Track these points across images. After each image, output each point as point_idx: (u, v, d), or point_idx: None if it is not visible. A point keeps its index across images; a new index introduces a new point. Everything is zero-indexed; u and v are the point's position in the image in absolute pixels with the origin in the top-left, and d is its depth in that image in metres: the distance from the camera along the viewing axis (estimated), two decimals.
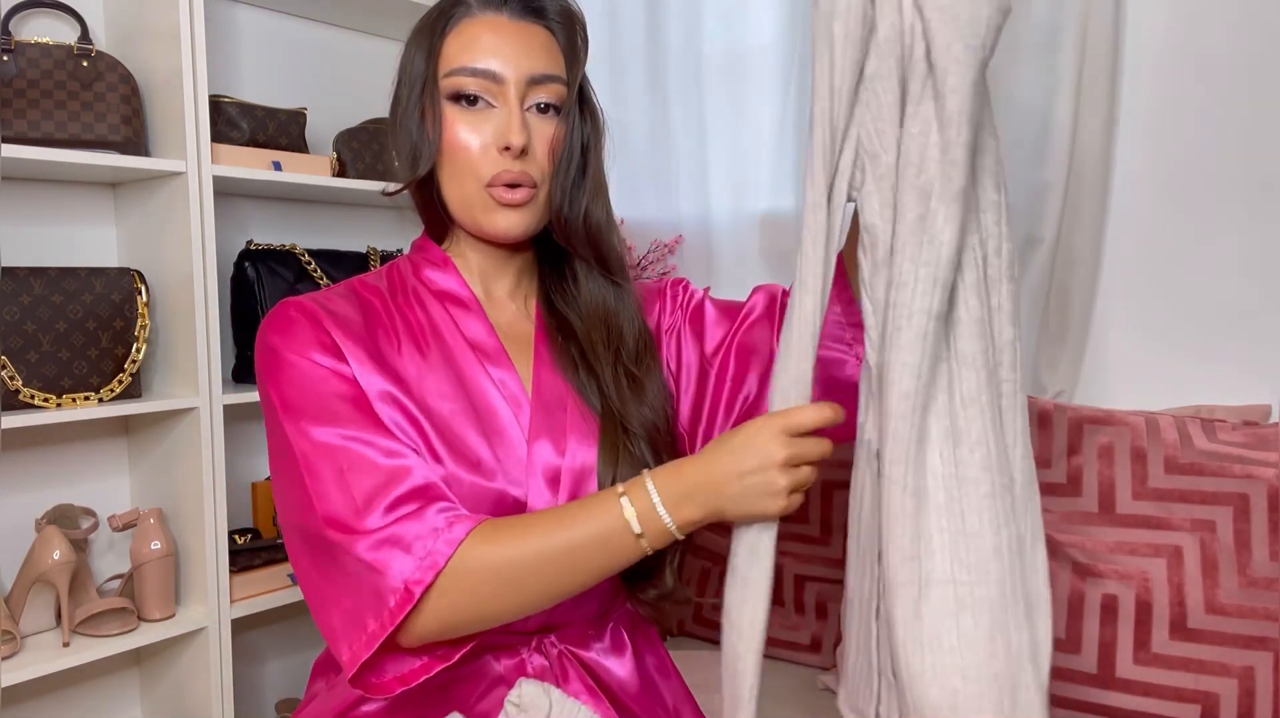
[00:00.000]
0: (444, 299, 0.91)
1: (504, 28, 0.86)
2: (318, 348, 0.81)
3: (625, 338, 0.92)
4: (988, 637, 0.67)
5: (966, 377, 0.70)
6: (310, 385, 0.80)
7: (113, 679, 1.61)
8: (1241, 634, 1.03)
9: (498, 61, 0.84)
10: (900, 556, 0.69)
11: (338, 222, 1.92)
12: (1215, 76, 1.30)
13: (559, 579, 0.76)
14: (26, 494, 1.50)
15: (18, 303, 1.34)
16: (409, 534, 0.75)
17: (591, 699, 0.87)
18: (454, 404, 0.85)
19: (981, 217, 0.73)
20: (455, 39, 0.86)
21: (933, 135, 0.70)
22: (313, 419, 0.79)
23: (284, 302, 0.86)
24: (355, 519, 0.75)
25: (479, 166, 0.85)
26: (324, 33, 1.90)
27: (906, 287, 0.69)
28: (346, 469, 0.77)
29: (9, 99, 1.37)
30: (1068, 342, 1.40)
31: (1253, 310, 1.28)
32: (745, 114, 1.72)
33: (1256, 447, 1.10)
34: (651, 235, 1.85)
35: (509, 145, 0.83)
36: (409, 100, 0.87)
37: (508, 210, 0.86)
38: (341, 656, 0.76)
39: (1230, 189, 1.29)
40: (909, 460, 0.69)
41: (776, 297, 0.96)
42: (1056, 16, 1.34)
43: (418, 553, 0.74)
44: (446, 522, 0.76)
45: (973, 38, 0.68)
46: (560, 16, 0.89)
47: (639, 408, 0.89)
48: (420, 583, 0.73)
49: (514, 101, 0.84)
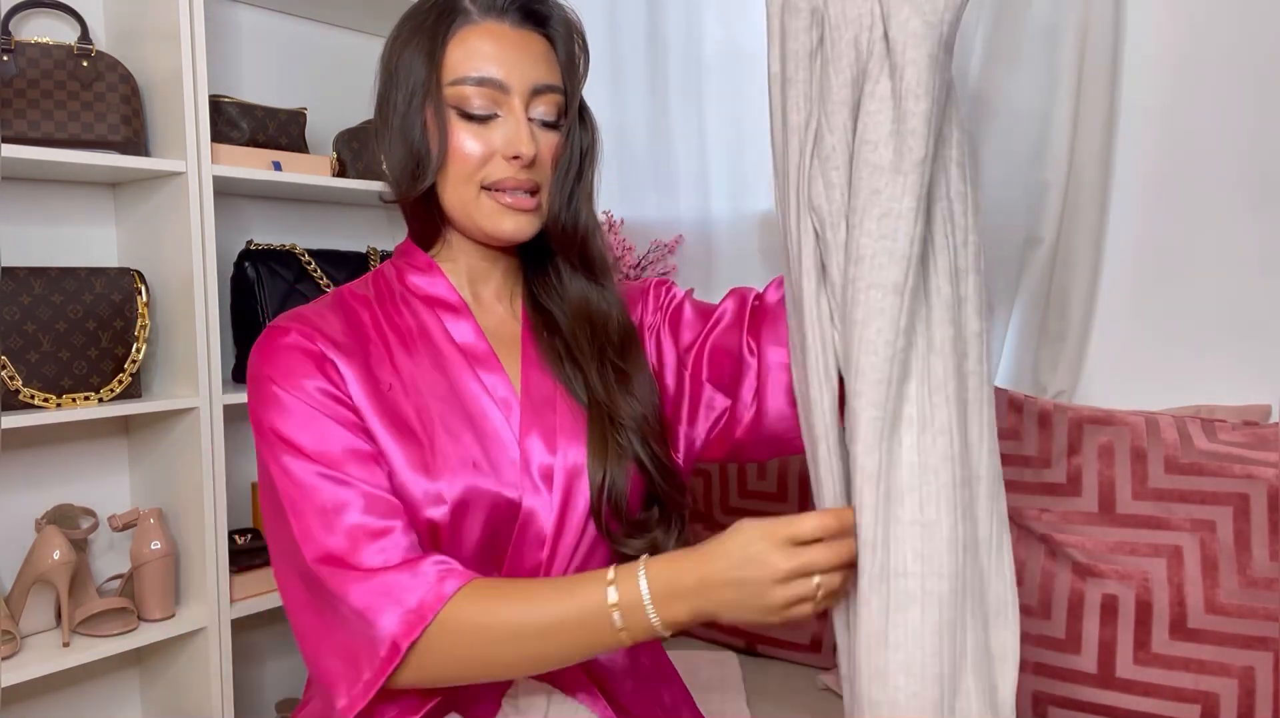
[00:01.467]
0: (432, 304, 0.91)
1: (506, 36, 0.86)
2: (310, 378, 0.82)
3: (610, 334, 0.93)
4: (935, 633, 0.66)
5: (935, 363, 0.69)
6: (302, 424, 0.80)
7: (113, 679, 1.61)
8: (1241, 634, 1.03)
9: (502, 70, 0.84)
10: (866, 546, 0.68)
11: (338, 222, 1.92)
12: (1215, 76, 1.30)
13: (538, 652, 0.76)
14: (26, 494, 1.50)
15: (18, 303, 1.34)
16: (399, 586, 0.75)
17: (589, 699, 0.87)
18: (446, 408, 0.85)
19: (951, 205, 0.73)
20: (458, 47, 0.85)
21: (888, 110, 0.69)
22: (303, 456, 0.79)
23: (276, 327, 0.86)
24: (347, 561, 0.76)
25: (482, 171, 0.85)
26: (324, 33, 1.90)
27: (864, 261, 0.68)
28: (332, 510, 0.77)
29: (9, 99, 1.37)
30: (1068, 342, 1.40)
31: (1252, 310, 1.28)
32: (745, 114, 1.72)
33: (1256, 447, 1.10)
34: (651, 235, 1.85)
35: (519, 155, 0.84)
36: (408, 107, 0.86)
37: (516, 214, 0.87)
38: (339, 700, 0.76)
39: (1230, 189, 1.29)
40: (881, 446, 0.68)
41: (748, 300, 0.96)
42: (1056, 17, 1.34)
43: (407, 605, 0.74)
44: (439, 575, 0.76)
45: (931, 14, 0.68)
46: (561, 26, 0.90)
47: (627, 400, 0.90)
48: (408, 637, 0.74)
49: (519, 110, 0.85)
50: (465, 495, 0.82)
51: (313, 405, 0.81)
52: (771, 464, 1.45)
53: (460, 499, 0.82)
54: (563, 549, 0.86)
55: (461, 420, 0.85)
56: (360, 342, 0.86)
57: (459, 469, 0.82)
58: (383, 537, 0.77)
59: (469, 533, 0.83)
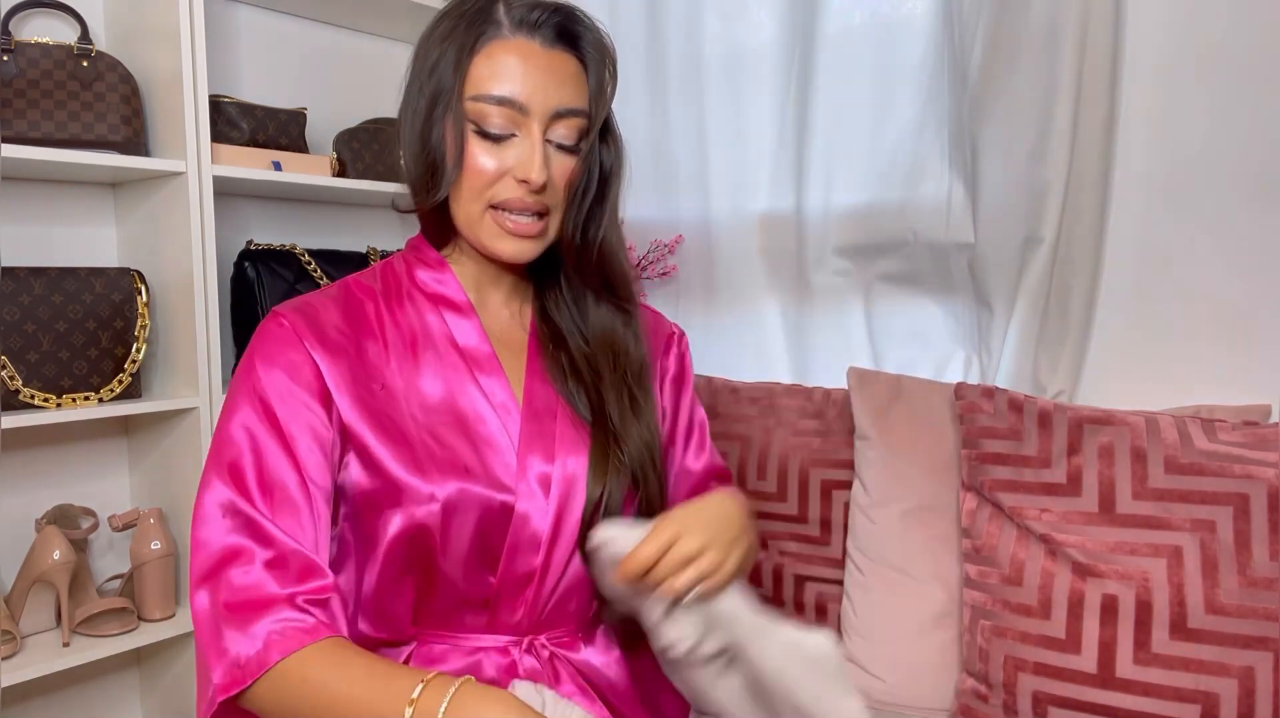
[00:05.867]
0: (438, 303, 0.91)
1: (535, 55, 0.84)
2: (292, 380, 0.82)
3: (631, 359, 0.93)
4: None
5: None
6: (240, 441, 0.80)
7: (113, 679, 1.61)
8: (1241, 634, 1.03)
9: (524, 92, 0.82)
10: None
11: (337, 222, 1.92)
12: (1215, 76, 1.30)
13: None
14: (26, 494, 1.50)
15: (18, 303, 1.34)
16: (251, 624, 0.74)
17: (585, 700, 0.87)
18: (441, 411, 0.85)
19: None
20: (485, 61, 0.83)
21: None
22: (232, 474, 0.79)
23: (276, 313, 0.86)
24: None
25: (493, 190, 0.84)
26: (324, 33, 1.90)
27: None
28: (239, 547, 0.76)
29: (9, 99, 1.37)
30: (1068, 342, 1.40)
31: (1253, 310, 1.28)
32: (745, 114, 1.72)
33: (1256, 447, 1.10)
34: (651, 235, 1.85)
35: (528, 179, 0.83)
36: (432, 113, 0.85)
37: (518, 240, 0.86)
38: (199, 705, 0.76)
39: (1230, 189, 1.29)
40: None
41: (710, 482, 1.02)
42: (1056, 17, 1.34)
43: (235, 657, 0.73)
44: (268, 638, 0.73)
45: None
46: (594, 48, 0.87)
47: (639, 428, 0.90)
48: (237, 685, 0.72)
49: (536, 134, 0.83)
50: (455, 497, 0.82)
51: (279, 393, 0.81)
52: (771, 464, 1.45)
53: (450, 501, 0.82)
54: (558, 556, 0.86)
55: (454, 426, 0.85)
56: (357, 337, 0.86)
57: (449, 472, 0.82)
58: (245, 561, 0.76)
59: (460, 535, 0.83)
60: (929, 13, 1.50)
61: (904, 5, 1.54)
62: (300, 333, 0.84)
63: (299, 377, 0.82)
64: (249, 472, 0.79)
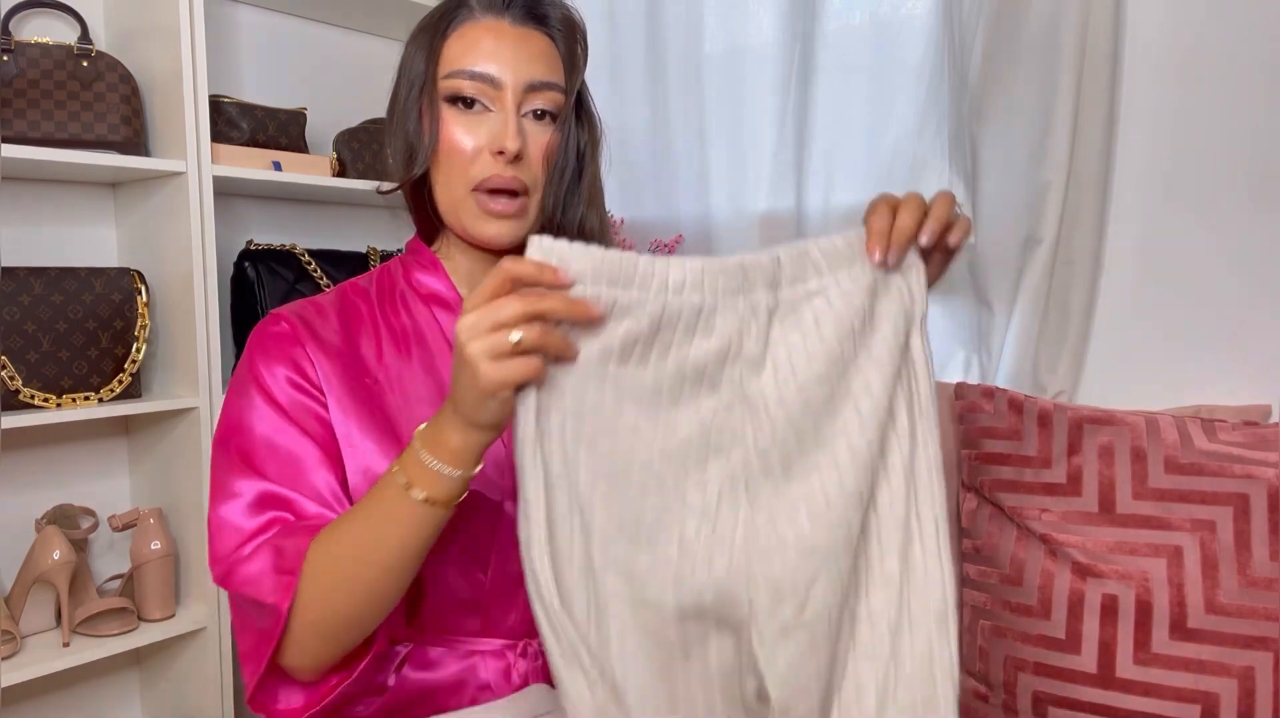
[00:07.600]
0: (430, 301, 0.91)
1: (505, 33, 0.85)
2: (288, 382, 0.83)
3: None
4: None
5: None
6: (254, 431, 0.82)
7: (113, 679, 1.61)
8: (1241, 634, 1.03)
9: (496, 66, 0.84)
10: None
11: (338, 222, 1.92)
12: (1215, 76, 1.30)
13: (364, 565, 0.73)
14: (26, 494, 1.50)
15: (18, 303, 1.34)
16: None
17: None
18: (432, 407, 0.85)
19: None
20: (456, 41, 0.86)
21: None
22: (239, 458, 0.81)
23: (275, 314, 0.87)
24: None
25: (471, 169, 0.84)
26: (324, 33, 1.90)
27: None
28: (234, 527, 0.78)
29: (9, 99, 1.37)
30: (1068, 342, 1.40)
31: (1253, 310, 1.28)
32: (745, 114, 1.72)
33: (1256, 447, 1.10)
34: (651, 235, 1.85)
35: (503, 150, 0.83)
36: (407, 99, 0.87)
37: (499, 220, 0.86)
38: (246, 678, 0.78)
39: (1230, 189, 1.29)
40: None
41: None
42: (1056, 16, 1.34)
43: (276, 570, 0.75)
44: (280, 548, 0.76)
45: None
46: (562, 24, 0.89)
47: None
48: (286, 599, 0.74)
49: (510, 107, 0.84)
50: None
51: (276, 416, 0.82)
52: None
53: None
54: None
55: None
56: (351, 338, 0.87)
57: None
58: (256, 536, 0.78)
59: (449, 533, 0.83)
60: (929, 13, 1.50)
61: (904, 5, 1.54)
62: (298, 333, 0.85)
63: (299, 373, 0.83)
64: (261, 454, 0.80)
